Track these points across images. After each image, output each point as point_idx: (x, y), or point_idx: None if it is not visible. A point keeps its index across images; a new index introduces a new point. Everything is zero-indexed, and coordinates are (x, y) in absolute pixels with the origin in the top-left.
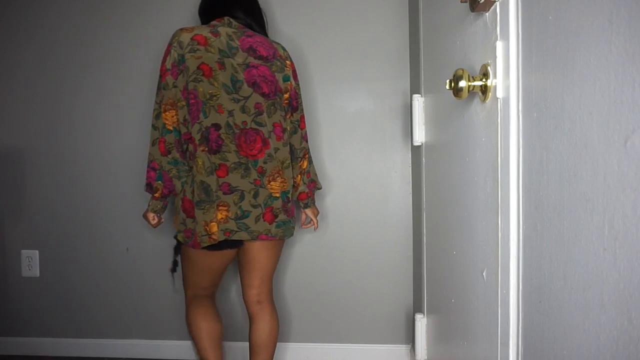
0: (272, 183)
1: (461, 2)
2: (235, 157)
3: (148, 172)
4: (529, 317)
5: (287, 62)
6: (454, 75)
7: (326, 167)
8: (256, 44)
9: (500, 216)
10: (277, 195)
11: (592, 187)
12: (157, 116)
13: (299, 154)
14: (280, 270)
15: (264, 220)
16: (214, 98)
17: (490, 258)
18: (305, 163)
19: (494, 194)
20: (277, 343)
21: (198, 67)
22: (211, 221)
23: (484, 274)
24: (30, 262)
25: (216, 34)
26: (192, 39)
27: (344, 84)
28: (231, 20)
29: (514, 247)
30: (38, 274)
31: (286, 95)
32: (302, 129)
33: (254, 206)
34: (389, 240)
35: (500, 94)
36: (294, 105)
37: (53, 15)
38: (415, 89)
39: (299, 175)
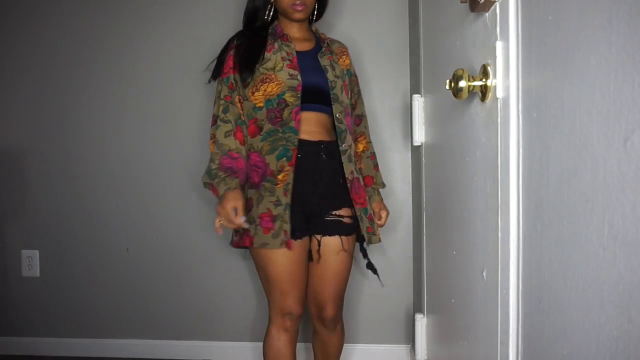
0: None
1: (461, 2)
2: None
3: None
4: (529, 317)
5: None
6: (453, 75)
7: None
8: None
9: (500, 216)
10: None
11: (592, 187)
12: None
13: None
14: None
15: None
16: None
17: (490, 258)
18: None
19: (494, 194)
20: None
21: None
22: None
23: (484, 274)
24: (30, 262)
25: None
26: None
27: None
28: None
29: (514, 247)
30: (38, 274)
31: None
32: None
33: None
34: (389, 240)
35: (500, 94)
36: None
37: (57, 16)
38: (415, 89)
39: None
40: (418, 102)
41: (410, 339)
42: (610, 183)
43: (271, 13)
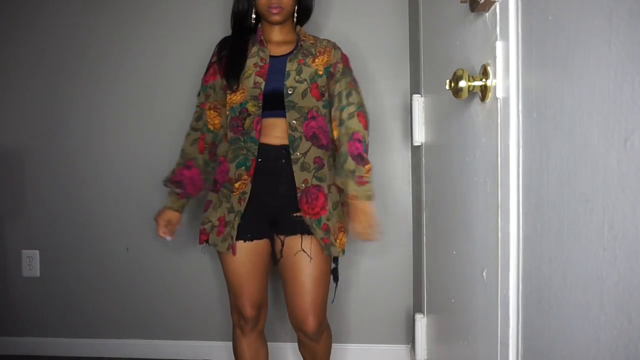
0: None
1: (461, 2)
2: None
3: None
4: (529, 317)
5: None
6: (453, 75)
7: None
8: None
9: (500, 216)
10: None
11: (592, 187)
12: None
13: None
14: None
15: None
16: None
17: (490, 258)
18: None
19: (494, 194)
20: (279, 343)
21: None
22: None
23: (484, 274)
24: (31, 262)
25: None
26: None
27: None
28: None
29: (514, 247)
30: (38, 274)
31: None
32: None
33: None
34: (389, 240)
35: (500, 94)
36: None
37: (48, 14)
38: (415, 89)
39: None
40: (418, 102)
41: (410, 339)
42: (610, 183)
43: (253, 16)
